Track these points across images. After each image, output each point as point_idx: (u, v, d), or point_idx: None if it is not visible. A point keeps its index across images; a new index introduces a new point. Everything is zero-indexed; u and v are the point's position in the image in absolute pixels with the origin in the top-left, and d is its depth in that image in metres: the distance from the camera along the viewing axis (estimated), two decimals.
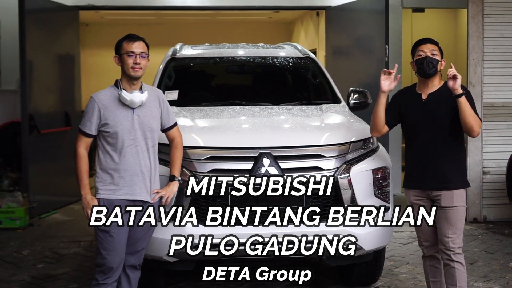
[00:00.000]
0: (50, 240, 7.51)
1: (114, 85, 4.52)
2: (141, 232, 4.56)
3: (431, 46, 4.70)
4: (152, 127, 4.56)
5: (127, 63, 4.45)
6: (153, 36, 16.55)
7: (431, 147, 4.67)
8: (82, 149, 4.46)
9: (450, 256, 4.67)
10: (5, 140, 9.66)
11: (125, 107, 4.46)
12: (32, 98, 8.65)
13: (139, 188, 4.48)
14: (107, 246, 4.41)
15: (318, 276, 6.13)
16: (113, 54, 4.54)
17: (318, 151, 5.08)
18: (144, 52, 4.50)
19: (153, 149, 4.58)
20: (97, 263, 4.48)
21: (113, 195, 4.42)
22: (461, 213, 4.69)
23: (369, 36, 9.28)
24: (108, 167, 4.44)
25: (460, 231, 4.70)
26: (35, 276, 6.28)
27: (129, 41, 4.49)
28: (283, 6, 11.03)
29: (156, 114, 4.60)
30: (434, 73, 4.67)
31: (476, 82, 8.26)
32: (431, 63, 4.63)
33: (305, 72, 6.88)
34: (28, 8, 8.48)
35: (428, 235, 4.84)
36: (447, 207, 4.66)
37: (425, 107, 4.68)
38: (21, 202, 8.27)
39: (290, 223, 4.96)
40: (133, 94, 4.46)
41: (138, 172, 4.48)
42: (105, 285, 4.47)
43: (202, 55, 6.97)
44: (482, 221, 8.37)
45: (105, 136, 4.44)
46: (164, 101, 4.70)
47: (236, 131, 5.37)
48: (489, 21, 8.29)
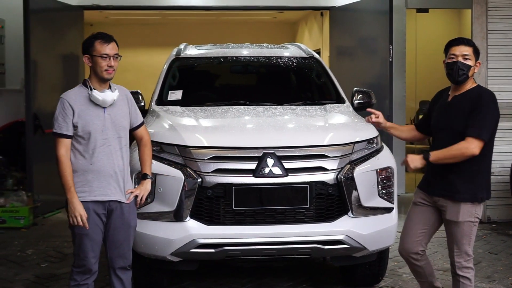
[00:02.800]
0: (54, 240, 7.52)
1: (83, 85, 4.44)
2: (123, 234, 4.50)
3: (464, 48, 4.36)
4: (124, 126, 4.51)
5: (101, 65, 4.36)
6: (157, 36, 16.76)
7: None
8: (64, 152, 4.32)
9: (455, 271, 4.49)
10: (10, 139, 9.69)
11: (96, 106, 4.39)
12: (37, 97, 8.67)
13: (113, 188, 4.42)
14: (85, 249, 4.38)
15: (321, 277, 6.14)
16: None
17: (322, 151, 5.08)
18: (117, 54, 4.43)
19: (125, 148, 4.53)
20: (75, 265, 4.45)
21: (88, 197, 4.35)
22: (467, 229, 4.40)
23: (373, 37, 9.28)
24: (81, 168, 4.36)
25: (466, 246, 4.44)
26: (39, 275, 6.29)
27: (102, 42, 4.38)
28: (287, 6, 11.04)
29: (126, 113, 4.54)
30: (464, 80, 4.37)
31: (480, 82, 8.17)
32: (461, 70, 4.33)
33: (309, 72, 6.88)
34: (32, 8, 8.50)
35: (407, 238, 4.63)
36: (451, 221, 4.42)
37: (447, 109, 4.45)
38: (25, 201, 8.29)
39: (294, 223, 4.98)
40: (105, 93, 4.40)
41: (112, 172, 4.41)
42: (85, 285, 4.47)
43: (206, 55, 6.97)
44: (486, 221, 8.36)
45: (77, 137, 4.36)
46: (132, 99, 4.63)
47: (240, 131, 5.37)
48: (493, 21, 8.29)
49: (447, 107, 4.47)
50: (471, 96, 4.37)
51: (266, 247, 4.98)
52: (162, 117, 5.65)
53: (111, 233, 4.46)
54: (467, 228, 4.41)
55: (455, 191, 4.39)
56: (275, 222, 4.97)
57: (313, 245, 4.98)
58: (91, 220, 4.35)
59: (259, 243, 4.95)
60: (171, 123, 5.44)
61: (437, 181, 4.48)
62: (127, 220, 4.49)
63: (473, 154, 4.27)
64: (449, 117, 4.42)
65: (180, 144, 5.06)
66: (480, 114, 4.30)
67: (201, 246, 4.92)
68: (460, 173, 4.36)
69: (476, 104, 4.32)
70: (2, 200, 8.31)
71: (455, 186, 4.38)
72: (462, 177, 4.36)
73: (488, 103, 4.35)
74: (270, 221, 4.97)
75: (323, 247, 5.01)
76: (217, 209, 4.94)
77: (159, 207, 4.99)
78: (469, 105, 4.34)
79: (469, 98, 4.37)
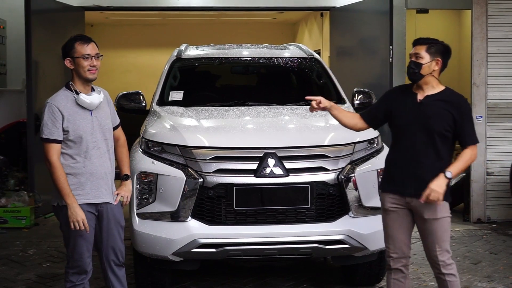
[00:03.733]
0: (56, 240, 7.53)
1: (67, 88, 4.44)
2: (116, 232, 4.54)
3: (417, 48, 4.44)
4: (109, 128, 4.54)
5: (83, 66, 4.36)
6: (157, 36, 16.75)
7: (418, 151, 4.38)
8: (56, 158, 4.33)
9: (440, 270, 4.41)
10: (11, 139, 9.70)
11: (83, 109, 4.39)
12: (38, 98, 8.68)
13: (104, 190, 4.46)
14: (80, 250, 4.42)
15: (322, 276, 6.16)
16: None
17: (322, 151, 5.10)
18: (98, 53, 4.45)
19: (112, 150, 4.56)
20: (70, 266, 4.49)
21: (81, 200, 4.37)
22: (446, 224, 4.41)
23: (373, 37, 9.30)
24: (73, 172, 4.37)
25: (446, 242, 4.42)
26: (41, 275, 6.31)
27: (82, 43, 4.40)
28: (287, 7, 11.04)
29: (109, 114, 4.57)
30: (419, 77, 4.41)
31: (480, 83, 8.28)
32: (411, 68, 4.41)
33: (310, 73, 6.90)
34: (34, 8, 8.51)
35: (397, 246, 4.53)
36: (431, 219, 4.36)
37: (419, 109, 4.41)
38: (27, 201, 8.31)
39: (295, 223, 5.00)
40: (92, 96, 4.42)
41: (103, 174, 4.45)
42: (81, 285, 4.50)
43: (207, 56, 6.99)
44: (486, 221, 8.38)
45: (67, 141, 4.36)
46: (111, 101, 4.67)
47: (241, 131, 5.40)
48: (493, 22, 8.31)
49: (420, 107, 4.42)
50: (448, 100, 4.39)
51: (267, 247, 5.00)
52: (164, 117, 5.67)
53: (106, 233, 4.50)
54: (446, 224, 4.41)
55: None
56: (276, 222, 5.00)
57: (314, 245, 5.01)
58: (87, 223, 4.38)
59: (260, 243, 4.97)
60: (173, 123, 5.46)
61: (410, 182, 4.41)
62: (118, 220, 4.54)
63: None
64: (423, 117, 4.39)
65: (182, 145, 5.09)
66: (469, 122, 4.41)
67: (202, 246, 4.95)
68: (435, 172, 4.32)
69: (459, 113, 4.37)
70: (4, 200, 8.32)
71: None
72: (434, 175, 4.30)
73: (468, 110, 4.48)
74: (271, 221, 4.99)
75: (324, 247, 5.03)
76: (219, 209, 4.96)
77: (160, 207, 5.01)
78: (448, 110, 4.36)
79: (446, 102, 4.38)
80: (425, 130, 4.38)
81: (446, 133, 4.36)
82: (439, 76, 4.49)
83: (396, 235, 4.52)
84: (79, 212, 4.29)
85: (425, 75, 4.41)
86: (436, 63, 4.41)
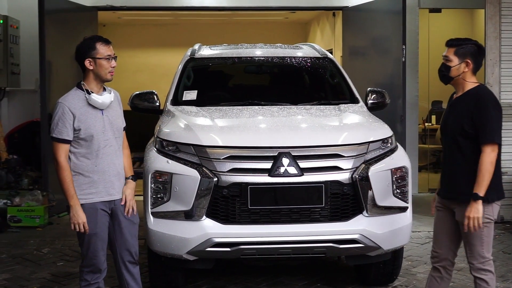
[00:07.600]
0: (70, 239, 7.56)
1: (78, 88, 4.47)
2: (130, 230, 4.57)
3: (447, 50, 4.42)
4: (120, 127, 4.60)
5: (105, 67, 4.41)
6: (170, 36, 16.80)
7: (448, 154, 4.45)
8: (64, 158, 4.37)
9: (471, 270, 4.40)
10: (25, 139, 9.76)
11: (94, 109, 4.43)
12: (51, 97, 8.71)
13: (117, 187, 4.52)
14: (95, 248, 4.45)
15: (335, 275, 6.16)
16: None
17: (337, 150, 5.10)
18: (115, 54, 4.50)
19: (121, 148, 4.61)
20: (85, 265, 4.52)
21: (95, 198, 4.42)
22: (477, 230, 4.26)
23: (386, 37, 9.29)
24: (86, 170, 4.41)
25: (478, 247, 4.31)
26: (55, 273, 6.34)
27: (104, 44, 4.44)
28: (299, 6, 11.05)
29: (120, 113, 4.63)
30: (448, 80, 4.43)
31: (493, 82, 8.25)
32: (441, 71, 4.44)
33: (323, 72, 6.90)
34: (47, 8, 8.55)
35: (438, 245, 4.57)
36: (460, 222, 4.35)
37: (448, 111, 4.48)
38: (41, 200, 8.36)
39: (309, 222, 5.00)
40: (103, 96, 4.46)
41: (115, 172, 4.50)
42: (96, 284, 4.54)
43: (220, 55, 7.01)
44: (499, 221, 8.34)
45: (79, 140, 4.40)
46: (120, 101, 4.70)
47: (255, 131, 5.41)
48: (506, 21, 8.27)
49: (449, 108, 4.49)
50: (469, 97, 4.34)
51: (281, 246, 5.00)
52: (178, 117, 5.69)
53: (119, 231, 4.54)
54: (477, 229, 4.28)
55: (459, 192, 4.36)
56: (290, 221, 5.00)
57: (328, 244, 5.01)
58: (99, 219, 4.43)
59: (274, 242, 4.98)
60: (187, 123, 5.48)
61: (445, 184, 4.49)
62: (132, 217, 4.58)
63: (495, 158, 4.24)
64: (449, 120, 4.44)
65: (196, 144, 5.10)
66: (484, 117, 4.24)
67: (217, 245, 4.96)
68: (464, 174, 4.32)
69: (476, 107, 4.27)
70: (18, 200, 8.37)
71: (460, 187, 4.35)
72: (467, 178, 4.29)
73: (486, 104, 4.28)
74: (286, 220, 5.00)
75: (338, 246, 5.03)
76: (233, 208, 4.97)
77: (175, 206, 5.02)
78: (467, 107, 4.31)
79: (468, 100, 4.34)
80: (450, 132, 4.41)
81: (468, 132, 4.28)
82: (474, 75, 4.42)
83: (438, 233, 4.60)
84: (81, 214, 4.34)
85: (455, 77, 4.40)
86: (465, 64, 4.37)
